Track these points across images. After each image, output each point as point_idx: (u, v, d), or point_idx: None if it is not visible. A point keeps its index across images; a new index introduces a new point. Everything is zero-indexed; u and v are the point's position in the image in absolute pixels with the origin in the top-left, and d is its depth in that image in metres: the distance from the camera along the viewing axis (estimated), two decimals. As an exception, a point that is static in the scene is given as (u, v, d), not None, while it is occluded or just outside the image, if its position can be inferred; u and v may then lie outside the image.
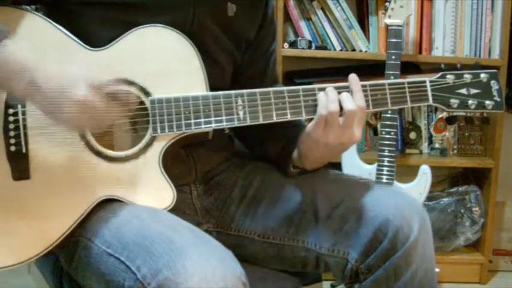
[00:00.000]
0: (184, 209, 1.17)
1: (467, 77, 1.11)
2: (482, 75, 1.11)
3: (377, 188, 1.15)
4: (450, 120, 1.13)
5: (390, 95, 1.09)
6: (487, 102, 1.11)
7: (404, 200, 1.10)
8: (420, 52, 2.30)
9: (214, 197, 1.23)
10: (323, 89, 1.06)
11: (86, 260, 0.98)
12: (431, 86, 1.10)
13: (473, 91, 1.11)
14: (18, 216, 0.99)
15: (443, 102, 1.11)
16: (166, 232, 0.91)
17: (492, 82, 1.11)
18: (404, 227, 1.04)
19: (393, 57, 1.99)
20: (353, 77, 1.07)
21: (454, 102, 1.10)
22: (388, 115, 2.02)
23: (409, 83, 1.10)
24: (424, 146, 2.41)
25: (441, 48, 2.28)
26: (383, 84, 1.09)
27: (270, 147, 1.23)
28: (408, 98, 1.10)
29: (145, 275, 0.85)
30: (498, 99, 1.11)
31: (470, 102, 1.10)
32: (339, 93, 1.06)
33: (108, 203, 1.01)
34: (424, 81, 1.11)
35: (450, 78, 1.11)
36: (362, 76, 1.10)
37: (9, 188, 0.99)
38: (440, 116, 2.37)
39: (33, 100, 0.94)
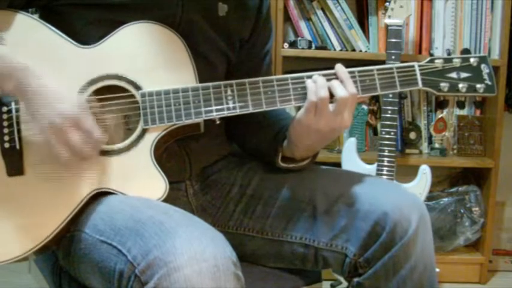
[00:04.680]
0: (180, 206, 1.17)
1: (457, 61, 1.12)
2: (472, 60, 1.12)
3: (375, 183, 1.16)
4: (441, 104, 1.15)
5: (379, 80, 1.10)
6: (478, 85, 1.12)
7: (403, 194, 1.11)
8: (420, 52, 2.31)
9: (211, 196, 1.23)
10: (311, 77, 1.08)
11: (81, 252, 0.99)
12: (420, 70, 1.12)
13: (464, 75, 1.12)
14: (13, 211, 1.00)
15: (433, 85, 1.12)
16: (158, 216, 0.92)
17: (482, 66, 1.12)
18: (402, 221, 1.04)
19: (393, 57, 1.99)
20: (339, 66, 1.09)
21: (444, 85, 1.11)
22: (388, 115, 2.02)
23: (397, 67, 1.11)
24: (424, 146, 2.41)
25: (441, 48, 2.29)
26: (371, 70, 1.10)
27: (261, 137, 1.23)
28: (397, 83, 1.11)
29: (135, 256, 0.87)
30: (489, 83, 1.12)
31: (460, 85, 1.11)
32: (328, 80, 1.07)
33: (101, 196, 1.03)
34: (413, 66, 1.12)
35: (439, 62, 1.12)
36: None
37: (3, 184, 1.01)
38: (440, 116, 2.37)
39: (22, 98, 0.98)
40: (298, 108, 1.10)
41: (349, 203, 1.10)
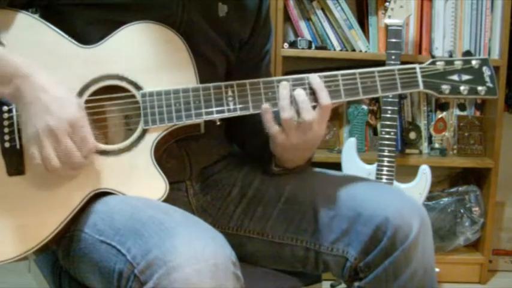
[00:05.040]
0: (180, 207, 1.17)
1: (458, 63, 1.11)
2: (473, 62, 1.12)
3: (377, 188, 1.16)
4: (442, 106, 1.15)
5: (380, 82, 1.10)
6: (480, 88, 1.11)
7: (404, 199, 1.10)
8: (420, 52, 2.31)
9: (211, 196, 1.23)
10: (311, 77, 1.08)
11: (80, 252, 0.99)
12: (422, 72, 1.11)
13: (465, 77, 1.11)
14: (13, 211, 1.00)
15: (435, 88, 1.11)
16: (157, 215, 0.92)
17: (484, 68, 1.11)
18: (403, 227, 1.04)
19: (393, 57, 1.99)
20: (313, 77, 1.08)
21: (446, 88, 1.11)
22: (388, 115, 2.02)
23: (399, 69, 1.11)
24: (424, 146, 2.41)
25: (441, 49, 2.29)
26: (372, 72, 1.10)
27: (255, 143, 1.23)
28: (398, 85, 1.11)
29: (135, 256, 0.87)
30: (491, 85, 1.11)
31: (462, 88, 1.11)
32: (294, 89, 1.06)
33: (101, 196, 1.03)
34: (414, 68, 1.11)
35: (440, 64, 1.12)
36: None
37: (4, 183, 1.01)
38: (440, 116, 2.37)
39: (18, 105, 0.98)
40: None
41: (350, 207, 1.10)
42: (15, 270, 2.07)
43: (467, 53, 1.02)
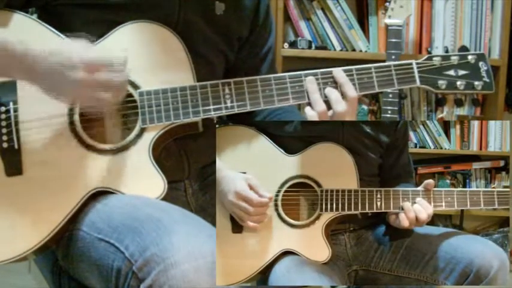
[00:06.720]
0: (179, 206, 1.18)
1: (454, 58, 1.12)
2: (469, 57, 1.13)
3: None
4: (440, 101, 1.15)
5: (377, 78, 1.11)
6: (476, 82, 1.12)
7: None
8: (420, 52, 2.31)
9: (210, 195, 1.23)
10: (309, 75, 1.09)
11: (79, 250, 0.99)
12: (418, 68, 1.12)
13: (462, 72, 1.12)
14: (12, 211, 1.01)
15: (431, 83, 1.12)
16: (155, 213, 0.92)
17: (480, 63, 1.13)
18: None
19: (393, 57, 1.99)
20: (337, 71, 1.11)
21: (442, 83, 1.12)
22: (388, 115, 2.02)
23: (395, 65, 1.12)
24: (424, 146, 2.42)
25: (441, 48, 2.29)
26: (369, 68, 1.11)
27: None
28: (395, 81, 1.11)
29: (133, 253, 0.87)
30: (487, 80, 1.13)
31: (458, 83, 1.12)
32: (325, 85, 1.09)
33: (100, 195, 1.03)
34: (411, 63, 1.12)
35: (436, 60, 1.13)
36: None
37: (2, 184, 1.01)
38: (440, 116, 2.37)
39: (33, 81, 0.96)
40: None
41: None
42: (15, 270, 2.07)
43: (463, 49, 1.03)
